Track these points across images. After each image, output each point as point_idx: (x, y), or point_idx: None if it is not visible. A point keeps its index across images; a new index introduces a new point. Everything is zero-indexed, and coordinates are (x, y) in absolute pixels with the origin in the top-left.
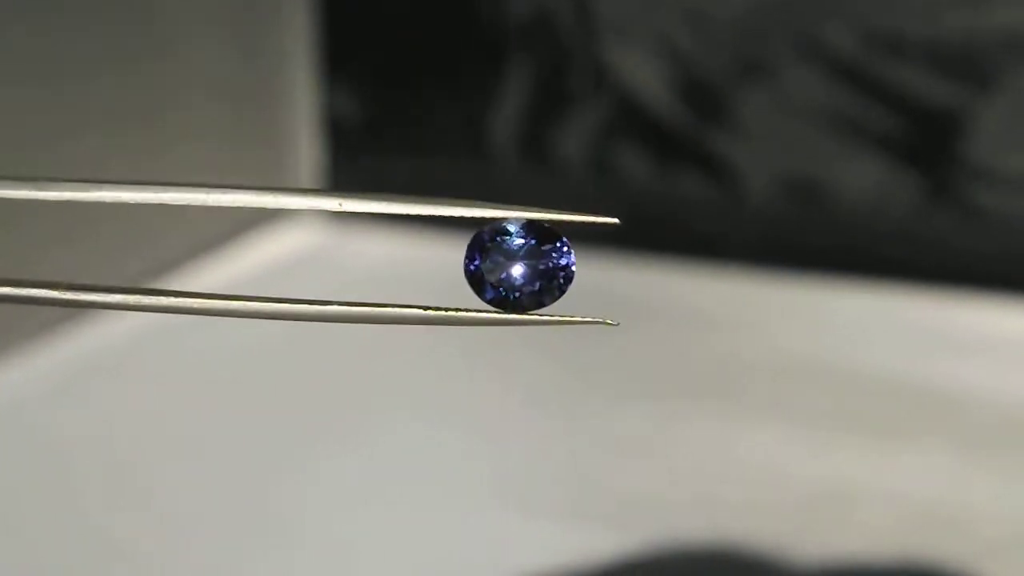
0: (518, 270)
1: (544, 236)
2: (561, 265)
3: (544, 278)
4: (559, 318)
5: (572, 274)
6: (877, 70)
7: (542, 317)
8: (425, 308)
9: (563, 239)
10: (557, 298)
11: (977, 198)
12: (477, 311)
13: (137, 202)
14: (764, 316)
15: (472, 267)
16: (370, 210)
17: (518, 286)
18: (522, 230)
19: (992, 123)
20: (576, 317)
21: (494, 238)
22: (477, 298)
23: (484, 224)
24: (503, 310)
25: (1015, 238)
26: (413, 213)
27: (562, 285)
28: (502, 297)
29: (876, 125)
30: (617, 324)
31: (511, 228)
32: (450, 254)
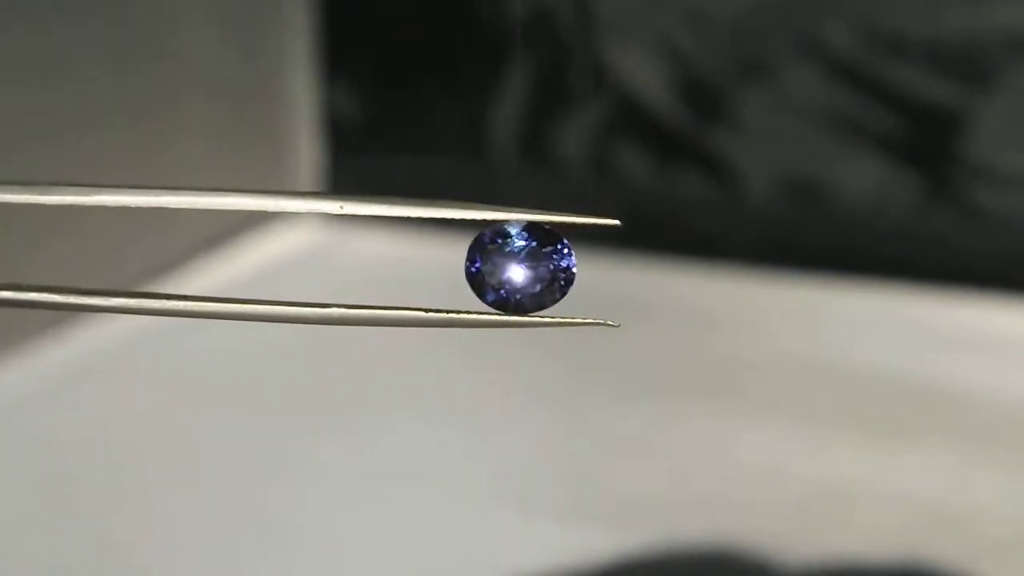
0: (519, 272)
1: (545, 238)
2: (562, 267)
3: (545, 280)
4: (560, 320)
5: (573, 276)
6: (877, 70)
7: (543, 319)
8: (426, 310)
9: (564, 241)
10: (558, 300)
11: (977, 197)
12: (478, 313)
13: (137, 206)
14: (764, 316)
15: (473, 269)
16: (372, 213)
17: (519, 288)
18: (523, 232)
19: (992, 123)
20: (577, 318)
21: (495, 240)
22: (477, 299)
23: (485, 226)
24: (504, 312)
25: (1015, 238)
26: (414, 216)
27: (563, 287)
28: (503, 299)
29: (876, 125)
30: (618, 326)
31: (512, 230)
32: (450, 255)
